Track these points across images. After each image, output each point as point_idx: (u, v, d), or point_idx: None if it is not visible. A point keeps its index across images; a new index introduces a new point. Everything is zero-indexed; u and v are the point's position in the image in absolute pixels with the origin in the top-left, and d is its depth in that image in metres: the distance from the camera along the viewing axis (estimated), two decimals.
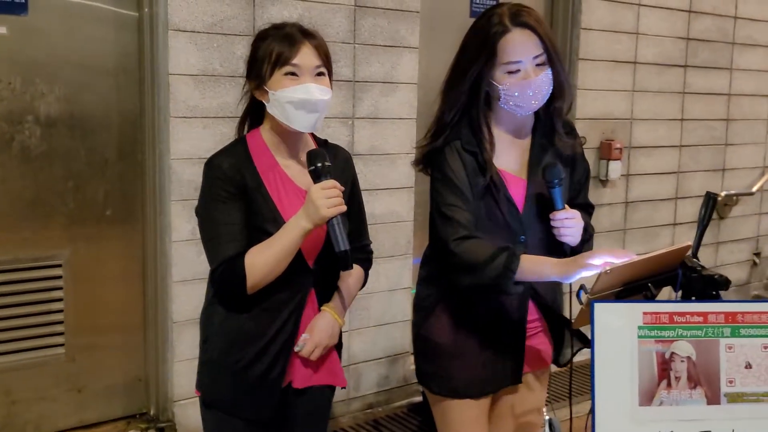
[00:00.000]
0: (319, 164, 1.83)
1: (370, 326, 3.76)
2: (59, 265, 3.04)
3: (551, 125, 2.08)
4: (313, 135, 2.08)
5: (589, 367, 1.57)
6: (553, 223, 1.98)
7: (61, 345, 3.08)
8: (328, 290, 2.03)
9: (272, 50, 1.86)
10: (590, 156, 4.43)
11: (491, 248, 1.90)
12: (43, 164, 2.96)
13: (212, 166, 1.91)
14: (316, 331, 1.96)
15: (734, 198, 5.21)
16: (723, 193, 5.09)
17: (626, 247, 4.70)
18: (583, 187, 2.19)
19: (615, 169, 4.48)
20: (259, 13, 3.23)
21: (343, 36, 3.47)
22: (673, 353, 1.58)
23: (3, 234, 2.92)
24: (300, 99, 1.84)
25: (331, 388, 2.12)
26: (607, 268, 1.60)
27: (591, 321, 1.57)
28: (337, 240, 1.81)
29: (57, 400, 3.10)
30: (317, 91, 1.87)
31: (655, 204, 4.84)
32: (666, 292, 1.74)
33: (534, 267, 1.88)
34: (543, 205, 2.00)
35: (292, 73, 1.86)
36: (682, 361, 1.58)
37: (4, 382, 2.97)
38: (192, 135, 3.12)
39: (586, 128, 4.40)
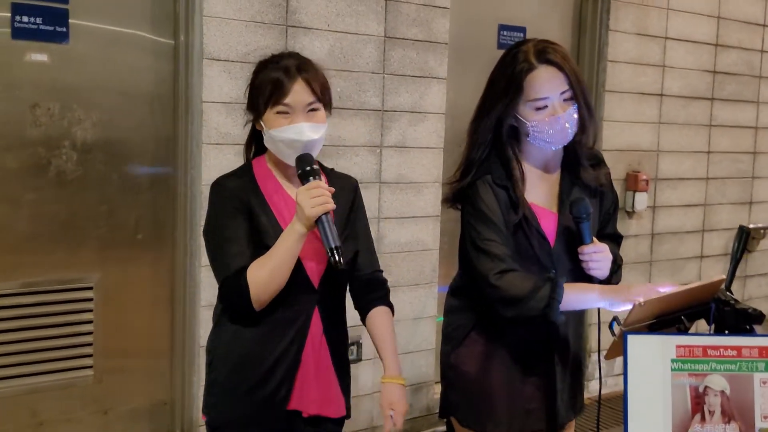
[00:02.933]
0: (305, 168, 1.85)
1: None
2: (90, 288, 3.08)
3: (576, 158, 2.09)
4: (317, 162, 2.05)
5: (620, 399, 1.57)
6: (581, 257, 1.99)
7: (90, 367, 3.11)
8: (333, 311, 2.02)
9: (266, 85, 1.89)
10: (616, 187, 4.40)
11: (533, 279, 1.92)
12: (77, 188, 3.02)
13: (218, 186, 1.96)
14: (396, 404, 1.96)
15: (761, 231, 5.16)
16: (750, 226, 5.04)
17: (653, 279, 4.68)
18: (611, 217, 2.20)
19: (641, 200, 4.47)
20: (291, 43, 3.29)
21: (372, 66, 3.52)
22: (706, 387, 1.58)
23: (37, 256, 2.97)
24: (291, 139, 1.87)
25: (340, 422, 2.07)
26: (641, 300, 1.60)
27: (624, 353, 1.57)
28: (326, 237, 1.80)
29: (83, 422, 3.12)
30: (308, 130, 1.88)
31: (682, 236, 4.82)
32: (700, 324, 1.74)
33: (580, 294, 1.90)
34: (573, 239, 2.01)
35: (285, 112, 1.88)
36: (715, 395, 1.57)
37: (32, 403, 3.01)
38: (223, 161, 3.17)
39: (613, 160, 4.40)
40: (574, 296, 1.88)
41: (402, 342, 3.76)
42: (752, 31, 4.99)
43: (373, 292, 2.10)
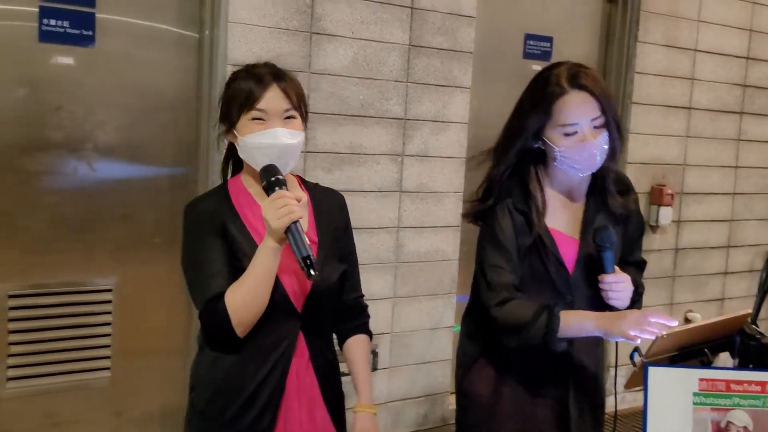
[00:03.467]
0: (271, 179, 1.75)
1: (411, 364, 3.74)
2: (109, 290, 3.09)
3: (603, 184, 2.06)
4: (299, 177, 2.03)
5: (639, 416, 1.53)
6: (601, 286, 1.95)
7: (107, 369, 3.12)
8: (319, 336, 1.93)
9: (240, 93, 1.81)
10: (640, 201, 4.36)
11: (532, 308, 1.89)
12: (98, 191, 3.03)
13: (189, 209, 1.88)
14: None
15: None
16: None
17: (675, 295, 4.62)
18: (636, 243, 2.16)
19: (665, 215, 4.41)
20: (315, 50, 3.28)
21: (396, 74, 3.50)
22: (729, 422, 1.54)
23: (57, 257, 2.98)
24: (267, 144, 1.78)
25: None
26: (664, 332, 1.57)
27: (644, 385, 1.53)
28: (297, 248, 1.70)
29: (98, 423, 3.13)
30: (285, 135, 1.79)
31: (706, 252, 4.75)
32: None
33: (576, 322, 1.86)
34: (595, 266, 1.96)
35: (260, 118, 1.80)
36: (738, 430, 1.53)
37: (48, 404, 3.02)
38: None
39: (637, 173, 4.35)
40: (571, 326, 1.85)
41: (418, 352, 3.75)
42: None
43: (356, 318, 2.05)
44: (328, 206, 1.97)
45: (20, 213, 2.90)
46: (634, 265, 2.11)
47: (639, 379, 1.57)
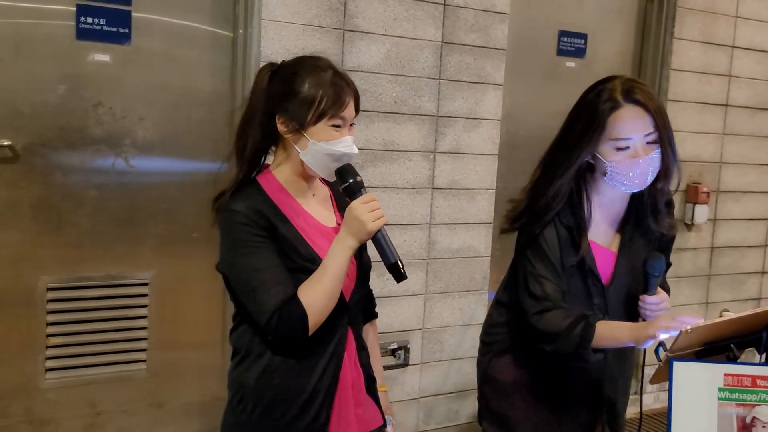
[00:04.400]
0: (351, 180, 1.76)
1: (443, 360, 3.75)
2: (146, 284, 3.17)
3: (654, 204, 2.03)
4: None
5: (665, 416, 1.54)
6: (641, 305, 1.94)
7: (143, 361, 3.19)
8: (358, 325, 1.94)
9: (320, 97, 1.75)
10: (676, 199, 4.30)
11: (570, 317, 1.89)
12: (137, 186, 3.10)
13: (229, 212, 1.76)
14: (389, 409, 2.02)
15: None
16: None
17: (711, 294, 4.56)
18: (666, 250, 2.13)
19: (701, 213, 4.36)
20: (348, 47, 3.31)
21: (429, 72, 3.52)
22: (754, 418, 1.53)
23: (97, 251, 3.06)
24: (342, 153, 1.77)
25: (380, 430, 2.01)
26: (689, 327, 1.57)
27: (669, 379, 1.54)
28: (385, 252, 1.73)
29: (138, 414, 3.21)
30: (354, 145, 1.80)
31: (743, 251, 4.68)
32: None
33: (610, 333, 1.85)
34: (630, 280, 1.96)
35: (339, 126, 1.78)
36: (764, 426, 1.53)
37: (90, 394, 3.11)
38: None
39: None
40: (605, 335, 1.84)
41: (450, 348, 3.76)
42: None
43: (370, 306, 2.08)
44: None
45: (62, 207, 2.98)
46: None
47: (664, 374, 1.58)
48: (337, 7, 3.28)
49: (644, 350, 1.93)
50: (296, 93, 1.77)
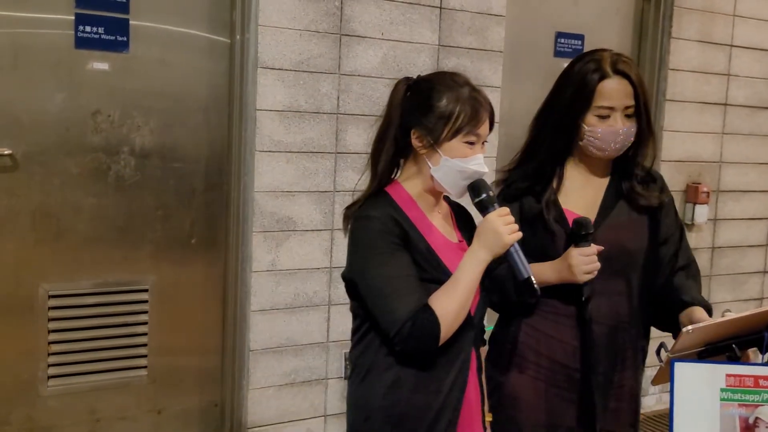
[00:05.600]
0: (485, 195, 1.76)
1: None
2: (146, 290, 3.16)
3: (628, 172, 2.08)
4: None
5: (667, 417, 1.53)
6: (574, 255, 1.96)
7: (144, 367, 3.19)
8: (479, 347, 1.94)
9: (458, 113, 1.74)
10: (676, 199, 4.28)
11: (504, 269, 1.98)
12: (135, 193, 3.10)
13: (365, 220, 1.76)
14: None
15: None
16: None
17: (712, 294, 4.55)
18: (680, 246, 2.13)
19: (701, 213, 4.35)
20: (345, 51, 3.31)
21: None
22: (757, 418, 1.52)
23: (95, 257, 3.06)
24: (473, 171, 1.76)
25: None
26: (690, 328, 1.56)
27: (671, 380, 1.53)
28: (518, 267, 1.75)
29: (138, 420, 3.20)
30: (484, 164, 1.80)
31: (744, 250, 4.67)
32: None
33: (537, 276, 1.87)
34: (609, 250, 1.97)
35: (472, 142, 1.77)
36: (767, 427, 1.52)
37: (91, 401, 3.10)
38: (276, 168, 3.21)
39: (672, 171, 4.30)
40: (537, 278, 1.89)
41: None
42: None
43: (482, 331, 2.07)
44: (466, 217, 1.99)
45: (61, 215, 2.98)
46: (685, 272, 2.10)
47: (666, 375, 1.57)
48: (334, 12, 3.28)
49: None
50: (433, 108, 1.77)
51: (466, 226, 1.95)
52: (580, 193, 2.07)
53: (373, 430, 1.80)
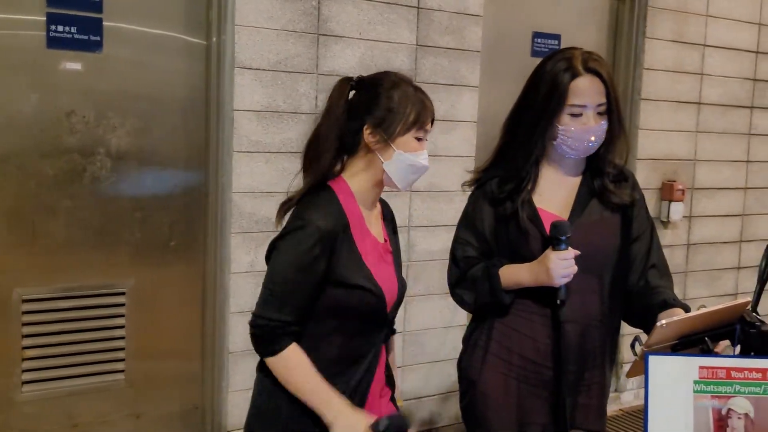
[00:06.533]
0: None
1: (424, 363, 3.75)
2: (123, 293, 3.14)
3: (600, 171, 2.09)
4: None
5: (642, 412, 1.54)
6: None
7: (122, 371, 3.16)
8: (389, 342, 2.03)
9: (411, 110, 1.83)
10: (651, 197, 4.37)
11: (479, 270, 2.06)
12: (111, 195, 3.07)
13: (309, 225, 1.79)
14: None
15: None
16: None
17: (688, 290, 4.60)
18: (651, 244, 2.14)
19: (677, 210, 4.40)
20: (323, 52, 3.31)
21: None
22: (730, 409, 1.54)
23: (71, 261, 3.03)
24: (422, 165, 1.87)
25: None
26: (663, 322, 1.58)
27: (645, 374, 1.54)
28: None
29: (116, 425, 3.17)
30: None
31: (719, 247, 4.73)
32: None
33: (513, 280, 2.01)
34: (580, 246, 1.98)
35: (421, 138, 1.87)
36: (739, 417, 1.54)
37: (68, 406, 3.07)
38: (254, 169, 3.20)
39: (648, 169, 4.35)
40: (509, 279, 2.02)
41: (432, 351, 3.76)
42: None
43: (393, 321, 2.11)
44: (392, 217, 2.07)
45: (36, 217, 2.95)
46: (659, 271, 2.11)
47: (640, 368, 1.58)
48: (311, 12, 3.28)
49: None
50: (385, 105, 1.84)
51: (392, 225, 2.05)
52: (553, 193, 2.08)
53: (277, 410, 1.86)
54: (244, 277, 3.22)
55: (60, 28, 2.92)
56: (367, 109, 1.85)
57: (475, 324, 2.17)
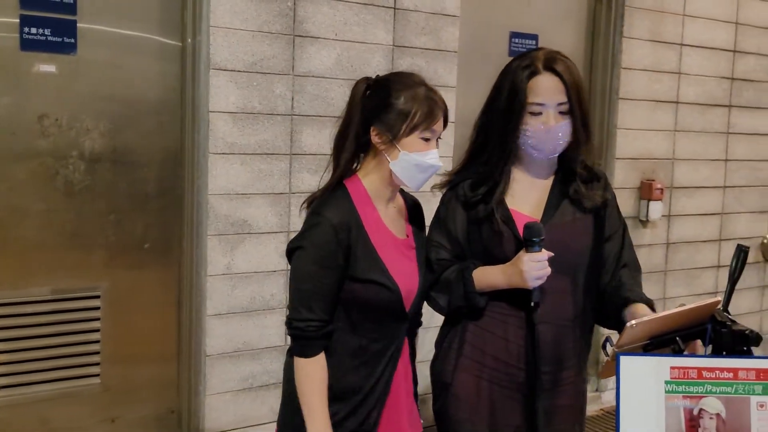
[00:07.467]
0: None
1: None
2: (98, 297, 3.10)
3: (571, 172, 2.09)
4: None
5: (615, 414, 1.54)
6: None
7: (97, 375, 3.12)
8: (413, 337, 2.08)
9: (416, 111, 1.86)
10: (630, 196, 4.39)
11: (453, 273, 2.04)
12: (85, 198, 3.04)
13: (322, 219, 1.87)
14: None
15: None
16: None
17: (667, 289, 4.62)
18: (623, 244, 2.14)
19: (656, 209, 4.42)
20: (299, 53, 3.29)
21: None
22: (701, 409, 1.54)
23: (45, 265, 2.99)
24: (429, 164, 1.89)
25: None
26: (633, 322, 1.58)
27: (617, 374, 1.54)
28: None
29: (91, 430, 3.13)
30: (439, 158, 1.93)
31: (698, 246, 4.75)
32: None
33: (486, 282, 2.00)
34: (553, 247, 1.97)
35: (428, 138, 1.89)
36: (711, 417, 1.54)
37: (42, 411, 3.03)
38: (230, 171, 3.17)
39: (626, 168, 4.36)
40: (482, 281, 2.01)
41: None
42: None
43: (420, 314, 2.15)
44: (418, 215, 2.12)
45: (8, 221, 2.91)
46: (630, 269, 2.11)
47: (612, 369, 1.58)
48: (287, 13, 3.26)
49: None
50: (392, 106, 1.88)
51: (417, 222, 2.08)
52: (526, 194, 2.08)
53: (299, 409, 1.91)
54: (220, 279, 3.20)
55: (34, 30, 2.88)
56: (376, 110, 1.90)
57: (449, 327, 2.16)
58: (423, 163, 1.87)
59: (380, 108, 1.89)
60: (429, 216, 2.21)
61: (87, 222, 3.05)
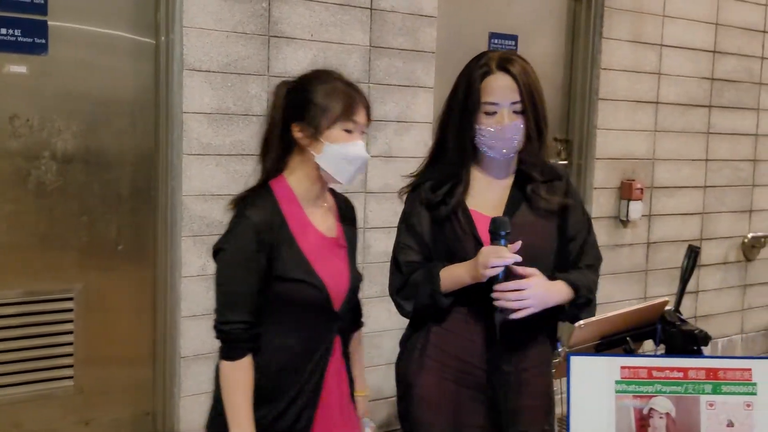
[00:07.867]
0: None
1: (381, 364, 3.73)
2: (71, 299, 3.09)
3: (529, 172, 2.09)
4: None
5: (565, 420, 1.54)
6: (493, 295, 1.93)
7: (70, 378, 3.11)
8: (347, 335, 2.05)
9: (335, 103, 1.88)
10: (610, 196, 4.39)
11: (420, 274, 2.04)
12: (57, 199, 3.02)
13: (245, 219, 1.88)
14: (367, 413, 2.14)
15: (762, 240, 5.09)
16: (750, 235, 5.00)
17: (648, 289, 4.63)
18: (585, 243, 2.12)
19: (636, 209, 4.42)
20: (274, 53, 3.29)
21: (358, 76, 3.50)
22: (651, 409, 1.55)
23: (17, 267, 2.98)
24: (355, 156, 1.89)
25: None
26: (581, 323, 1.58)
27: (567, 374, 1.54)
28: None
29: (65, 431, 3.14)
30: (366, 149, 1.94)
31: (679, 245, 4.75)
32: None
33: (451, 280, 1.99)
34: (520, 247, 1.97)
35: (350, 130, 1.90)
36: (660, 417, 1.54)
37: (14, 414, 3.01)
38: (204, 172, 3.17)
39: (607, 168, 4.36)
40: (449, 280, 1.99)
41: (388, 352, 3.73)
42: (752, 37, 4.92)
43: (358, 315, 2.17)
44: (349, 213, 2.11)
45: None
46: (588, 269, 2.09)
47: (563, 370, 1.58)
48: (261, 13, 3.25)
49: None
50: (311, 102, 1.90)
51: (348, 220, 2.07)
52: (486, 195, 2.08)
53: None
54: (195, 280, 3.19)
55: (3, 30, 2.87)
56: (297, 108, 1.91)
57: (411, 328, 2.16)
58: (349, 153, 1.88)
59: (300, 106, 1.90)
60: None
61: (59, 223, 3.04)
